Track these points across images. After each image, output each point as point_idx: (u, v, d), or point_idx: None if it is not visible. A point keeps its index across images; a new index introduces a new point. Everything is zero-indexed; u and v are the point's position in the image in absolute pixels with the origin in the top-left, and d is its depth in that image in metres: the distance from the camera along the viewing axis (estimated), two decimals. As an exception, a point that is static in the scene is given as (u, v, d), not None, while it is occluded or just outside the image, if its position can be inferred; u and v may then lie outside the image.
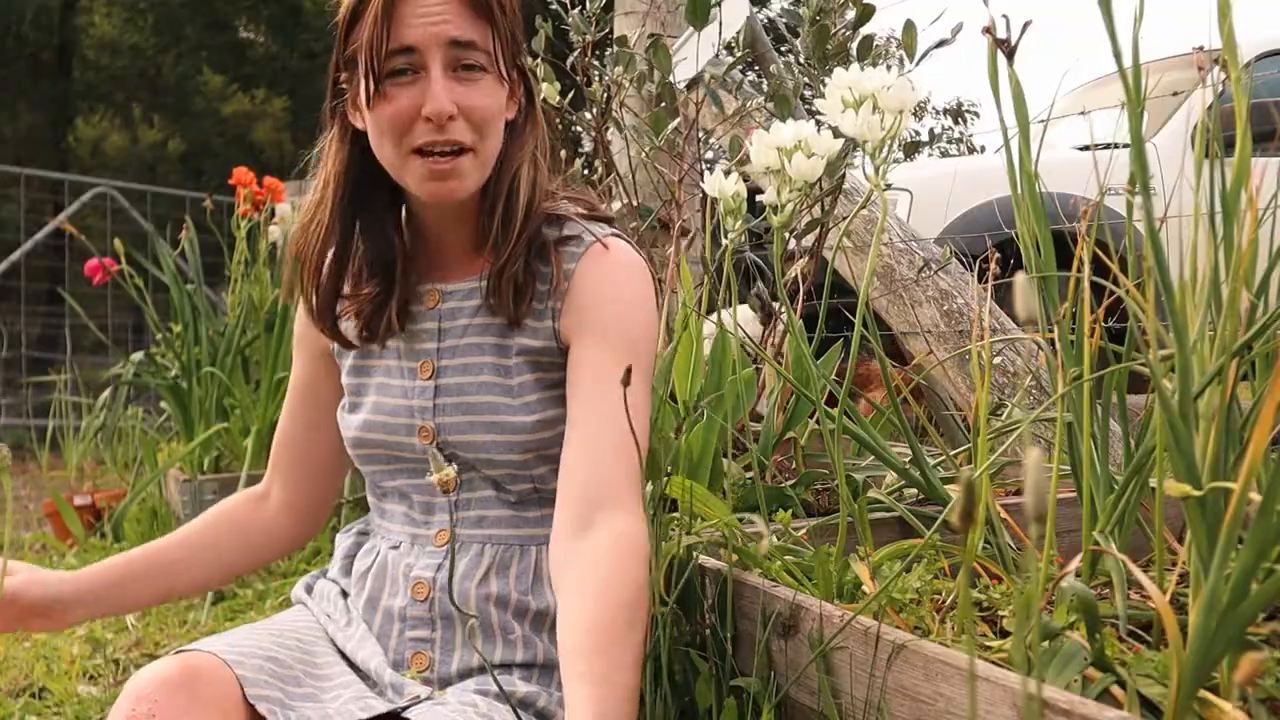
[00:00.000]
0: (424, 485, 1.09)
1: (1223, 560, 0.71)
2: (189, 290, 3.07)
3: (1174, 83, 3.26)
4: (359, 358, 1.14)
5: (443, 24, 0.99)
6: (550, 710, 1.01)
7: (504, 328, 1.07)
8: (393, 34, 0.99)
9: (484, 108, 1.02)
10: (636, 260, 1.09)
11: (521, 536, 1.07)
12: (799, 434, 1.55)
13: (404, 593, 1.06)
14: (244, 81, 12.33)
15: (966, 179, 3.40)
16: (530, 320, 1.06)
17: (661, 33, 1.99)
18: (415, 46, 0.99)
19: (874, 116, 0.99)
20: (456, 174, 1.02)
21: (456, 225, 1.10)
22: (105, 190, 6.41)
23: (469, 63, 1.01)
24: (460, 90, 1.00)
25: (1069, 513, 1.12)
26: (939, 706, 0.81)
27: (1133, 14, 0.91)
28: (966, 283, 2.02)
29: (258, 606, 2.34)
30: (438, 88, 0.99)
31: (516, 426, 1.05)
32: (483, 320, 1.08)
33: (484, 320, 1.08)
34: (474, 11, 1.01)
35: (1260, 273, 0.93)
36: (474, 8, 1.01)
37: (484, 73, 1.02)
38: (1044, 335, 1.05)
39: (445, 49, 0.99)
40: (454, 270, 1.11)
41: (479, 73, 1.02)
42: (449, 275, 1.11)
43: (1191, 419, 0.81)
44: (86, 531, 3.04)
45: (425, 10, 0.99)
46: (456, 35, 0.99)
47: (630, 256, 1.09)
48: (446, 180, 1.02)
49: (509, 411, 1.05)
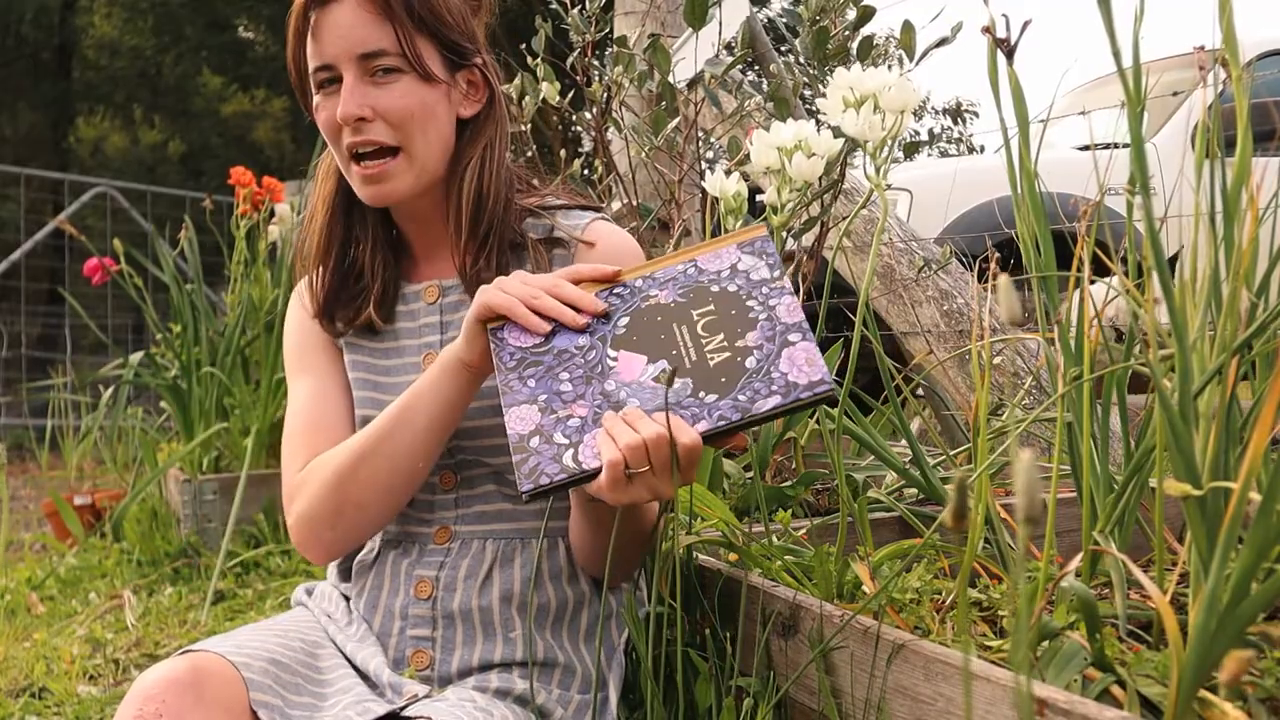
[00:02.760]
0: (425, 483, 1.10)
1: (1223, 560, 0.71)
2: (189, 290, 3.06)
3: (1174, 82, 3.26)
4: (364, 354, 1.15)
5: (351, 38, 1.04)
6: (549, 708, 1.01)
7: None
8: (311, 52, 1.06)
9: (400, 108, 1.05)
10: (629, 240, 1.13)
11: (523, 530, 1.08)
12: (799, 434, 1.55)
13: (405, 591, 1.06)
14: (244, 81, 12.34)
15: (966, 179, 3.40)
16: None
17: (661, 32, 1.99)
18: (331, 64, 1.05)
19: (874, 116, 0.99)
20: (386, 176, 1.06)
21: (427, 223, 1.14)
22: (105, 190, 6.41)
23: (383, 67, 1.05)
24: (375, 93, 1.05)
25: (1069, 513, 1.12)
26: (939, 706, 0.81)
27: (1133, 14, 0.91)
28: (966, 283, 2.02)
29: (258, 606, 2.34)
30: (346, 94, 1.05)
31: None
32: None
33: None
34: (381, 18, 1.04)
35: (1260, 272, 0.93)
36: (382, 14, 1.04)
37: (400, 74, 1.05)
38: (1044, 335, 1.05)
39: (356, 61, 1.04)
40: (445, 265, 1.14)
41: (395, 75, 1.05)
42: (446, 270, 1.14)
43: (1191, 418, 0.81)
44: (86, 531, 3.04)
45: (333, 25, 1.04)
46: (363, 50, 1.04)
47: (623, 237, 1.13)
48: (379, 183, 1.07)
49: None
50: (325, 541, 1.07)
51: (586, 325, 0.96)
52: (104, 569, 2.71)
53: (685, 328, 0.94)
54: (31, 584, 2.60)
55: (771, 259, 0.97)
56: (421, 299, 1.14)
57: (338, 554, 1.10)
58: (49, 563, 2.79)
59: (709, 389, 0.89)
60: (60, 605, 2.43)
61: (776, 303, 0.93)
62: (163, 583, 2.57)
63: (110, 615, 2.33)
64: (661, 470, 0.84)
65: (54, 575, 2.66)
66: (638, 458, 0.84)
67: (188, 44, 12.06)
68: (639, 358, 0.93)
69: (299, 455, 1.10)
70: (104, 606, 2.39)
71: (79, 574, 2.69)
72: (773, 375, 0.88)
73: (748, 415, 0.86)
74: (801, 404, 0.86)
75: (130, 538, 2.81)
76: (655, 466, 0.84)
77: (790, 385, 0.87)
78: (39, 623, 2.28)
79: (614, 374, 0.93)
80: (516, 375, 0.94)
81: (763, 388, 0.87)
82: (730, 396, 0.88)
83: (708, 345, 0.92)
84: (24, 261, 6.06)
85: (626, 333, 0.95)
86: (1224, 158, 0.89)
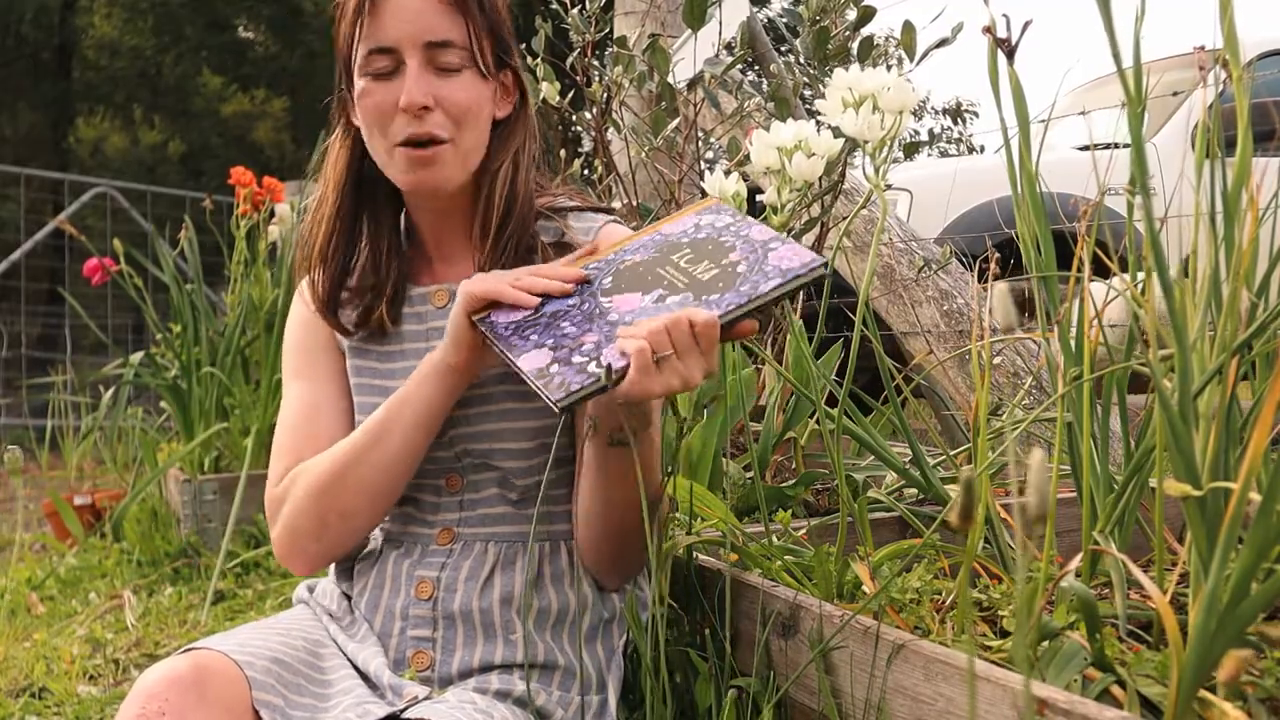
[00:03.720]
0: (429, 485, 1.10)
1: (1223, 560, 0.71)
2: (189, 290, 3.06)
3: (1174, 83, 3.26)
4: (368, 359, 1.14)
5: (419, 24, 1.02)
6: (549, 709, 1.01)
7: None
8: (371, 34, 1.03)
9: (461, 100, 1.05)
10: None
11: (525, 534, 1.08)
12: (799, 434, 1.55)
13: (406, 592, 1.06)
14: (244, 81, 12.33)
15: (966, 179, 3.40)
16: None
17: (661, 33, 1.99)
18: (393, 47, 1.03)
19: (874, 116, 0.99)
20: (437, 162, 1.05)
21: (449, 222, 1.13)
22: (105, 190, 6.41)
23: (449, 58, 1.04)
24: (437, 83, 1.04)
25: (1069, 513, 1.12)
26: (939, 706, 0.81)
27: (1133, 14, 0.91)
28: (966, 283, 2.02)
29: (258, 606, 2.34)
30: (411, 81, 1.02)
31: (525, 413, 1.07)
32: None
33: None
34: (454, 9, 1.03)
35: (1260, 272, 0.93)
36: (455, 6, 1.03)
37: (463, 68, 1.05)
38: (1044, 335, 1.05)
39: (422, 49, 1.03)
40: (459, 269, 1.14)
41: (457, 68, 1.04)
42: (456, 274, 1.13)
43: (1191, 418, 0.81)
44: (86, 531, 3.04)
45: (401, 9, 1.02)
46: (431, 38, 1.03)
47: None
48: (428, 168, 1.05)
49: (519, 399, 1.07)
50: (310, 554, 1.07)
51: (572, 290, 1.00)
52: (104, 569, 2.71)
53: (669, 267, 0.98)
54: (31, 584, 2.60)
55: (729, 212, 1.03)
56: (429, 302, 1.13)
57: (321, 566, 1.10)
58: (49, 563, 2.79)
59: (710, 293, 0.93)
60: (60, 605, 2.43)
61: (747, 231, 0.99)
62: (163, 583, 2.57)
63: (110, 615, 2.32)
64: (686, 352, 0.88)
65: (54, 575, 2.66)
66: (660, 340, 0.87)
67: (188, 44, 12.05)
68: (633, 294, 0.97)
69: (281, 462, 1.10)
70: (104, 606, 2.39)
71: (79, 574, 2.69)
72: (766, 269, 0.93)
73: (754, 298, 0.91)
74: (801, 280, 0.91)
75: (130, 538, 2.81)
76: (679, 348, 0.87)
77: (785, 270, 0.92)
78: (39, 623, 2.28)
79: (613, 310, 0.96)
80: (518, 337, 0.97)
81: (760, 278, 0.92)
82: (733, 290, 0.92)
83: (695, 270, 0.96)
84: (24, 261, 6.06)
85: (613, 285, 0.99)
86: (1224, 158, 0.89)
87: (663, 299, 0.94)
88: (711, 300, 0.92)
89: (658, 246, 1.02)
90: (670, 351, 0.87)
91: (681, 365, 0.88)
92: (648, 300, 0.95)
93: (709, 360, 0.89)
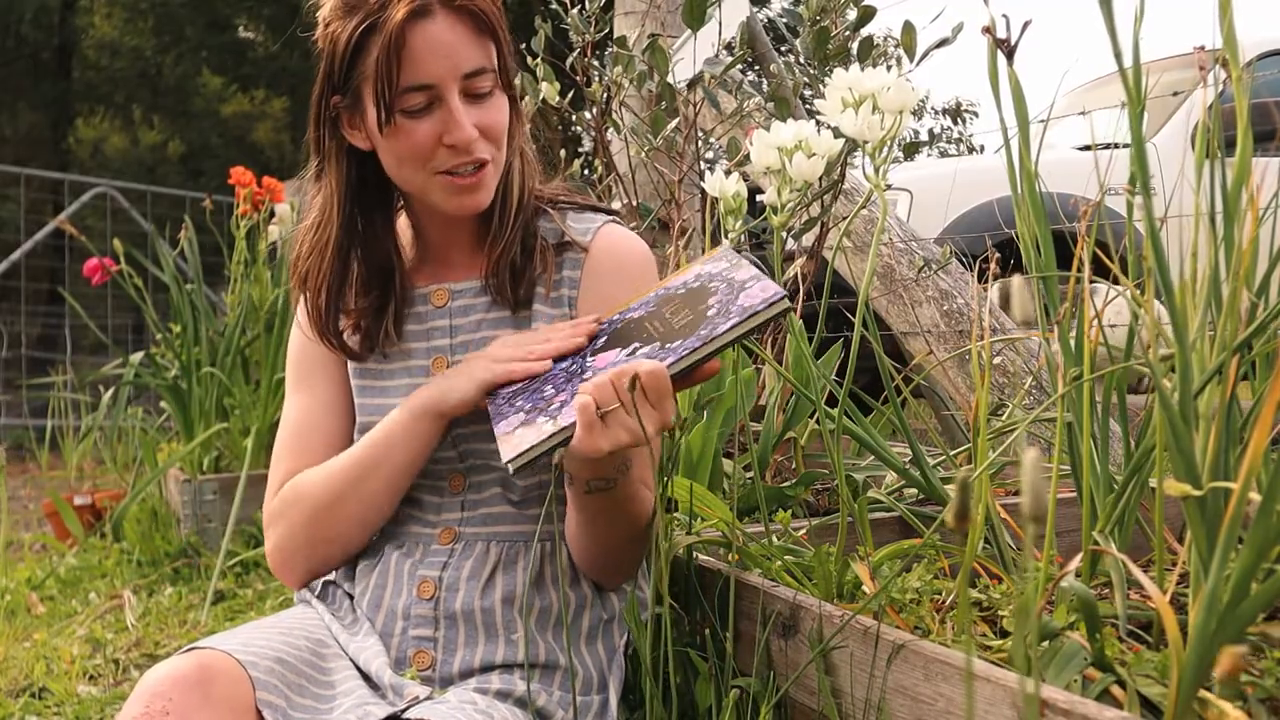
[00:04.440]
0: (432, 485, 1.10)
1: (1223, 560, 0.71)
2: (189, 290, 3.06)
3: (1174, 82, 3.26)
4: (370, 361, 1.15)
5: (455, 58, 1.00)
6: (550, 710, 1.01)
7: (518, 320, 1.11)
8: (406, 71, 0.99)
9: (498, 123, 1.06)
10: (637, 246, 1.15)
11: (527, 534, 1.08)
12: (799, 434, 1.55)
13: (408, 591, 1.07)
14: (244, 82, 12.32)
15: (966, 179, 3.40)
16: (546, 308, 1.11)
17: (661, 33, 1.98)
18: (433, 84, 1.01)
19: (874, 116, 0.99)
20: (482, 186, 1.06)
21: (462, 225, 1.13)
22: (105, 190, 6.41)
23: (483, 84, 1.03)
24: (476, 113, 1.03)
25: (1069, 513, 1.12)
26: (939, 706, 0.81)
27: (1133, 14, 0.91)
28: (966, 283, 2.02)
29: (258, 606, 2.34)
30: (460, 117, 1.01)
31: None
32: (496, 314, 1.12)
33: (498, 314, 1.12)
34: (480, 35, 1.03)
35: (1260, 272, 0.93)
36: (479, 31, 1.03)
37: (493, 90, 1.05)
38: (1044, 335, 1.05)
39: (460, 81, 1.02)
40: (459, 269, 1.14)
41: (489, 91, 1.04)
42: (455, 274, 1.14)
43: (1191, 418, 0.81)
44: (86, 531, 3.04)
45: (436, 44, 1.00)
46: (468, 68, 1.02)
47: (629, 245, 1.14)
48: (474, 194, 1.06)
49: None
50: (300, 572, 1.12)
51: (585, 345, 1.01)
52: (104, 569, 2.71)
53: (657, 321, 0.98)
54: (31, 584, 2.60)
55: (730, 257, 1.01)
56: (429, 302, 1.14)
57: (312, 579, 1.13)
58: (49, 563, 2.79)
59: (674, 340, 0.92)
60: (60, 605, 2.43)
61: (733, 274, 0.97)
62: (163, 583, 2.57)
63: (110, 615, 2.32)
64: (636, 404, 0.86)
65: (54, 575, 2.66)
66: (605, 394, 0.86)
67: (188, 44, 12.05)
68: (612, 351, 0.97)
69: (278, 474, 1.13)
70: (104, 606, 2.39)
71: (79, 574, 2.69)
72: (731, 309, 0.91)
73: (708, 340, 0.89)
74: (760, 315, 0.89)
75: (130, 538, 2.81)
76: (624, 401, 0.86)
77: (745, 308, 0.90)
78: (39, 623, 2.28)
79: (591, 368, 0.96)
80: (509, 405, 0.98)
81: (721, 320, 0.90)
82: (695, 334, 0.91)
83: (675, 320, 0.96)
84: (24, 261, 6.06)
85: (603, 344, 1.00)
86: (1224, 158, 0.89)
87: (635, 352, 0.94)
88: (670, 348, 0.90)
89: (657, 301, 1.02)
90: (615, 405, 0.85)
91: (629, 419, 0.86)
92: (623, 355, 0.95)
93: (661, 411, 0.86)
